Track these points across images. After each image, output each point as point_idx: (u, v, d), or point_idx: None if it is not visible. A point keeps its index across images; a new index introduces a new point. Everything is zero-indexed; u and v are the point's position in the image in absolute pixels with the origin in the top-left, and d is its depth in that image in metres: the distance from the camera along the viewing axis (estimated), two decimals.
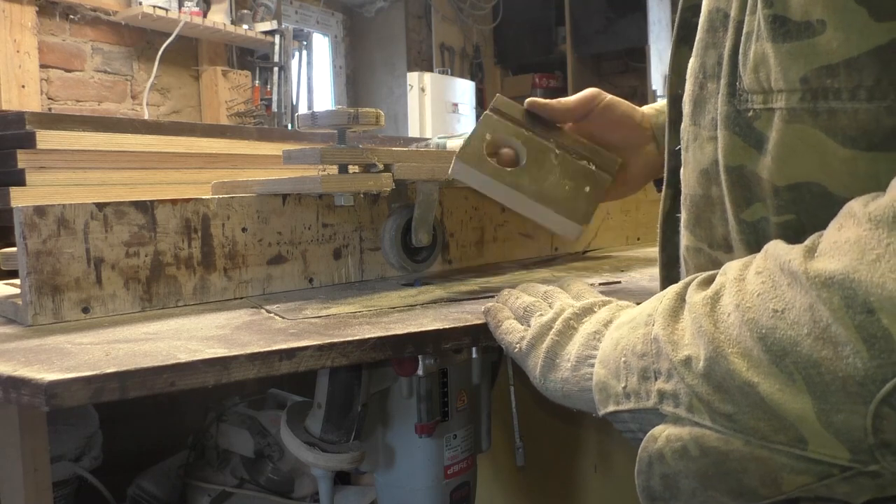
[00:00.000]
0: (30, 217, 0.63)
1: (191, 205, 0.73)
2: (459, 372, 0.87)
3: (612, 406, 0.45)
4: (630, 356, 0.44)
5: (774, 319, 0.36)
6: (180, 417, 1.58)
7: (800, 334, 0.35)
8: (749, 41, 0.44)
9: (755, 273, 0.39)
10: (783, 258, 0.37)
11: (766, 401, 0.36)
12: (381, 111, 0.78)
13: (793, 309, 0.35)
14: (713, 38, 0.48)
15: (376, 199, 0.87)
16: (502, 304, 0.61)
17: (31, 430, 0.89)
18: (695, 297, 0.41)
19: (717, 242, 0.49)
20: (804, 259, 0.36)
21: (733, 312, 0.38)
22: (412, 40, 5.05)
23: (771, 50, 0.42)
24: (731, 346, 0.38)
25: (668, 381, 0.41)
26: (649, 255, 1.08)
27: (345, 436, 0.79)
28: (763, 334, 0.36)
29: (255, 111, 3.68)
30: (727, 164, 0.46)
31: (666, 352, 0.41)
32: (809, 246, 0.37)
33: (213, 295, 0.74)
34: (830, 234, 0.36)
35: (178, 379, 0.49)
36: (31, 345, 0.56)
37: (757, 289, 0.38)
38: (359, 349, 0.56)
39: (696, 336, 0.40)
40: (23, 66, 2.86)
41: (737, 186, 0.45)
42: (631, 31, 5.01)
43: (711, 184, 0.48)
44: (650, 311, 0.45)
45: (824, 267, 0.34)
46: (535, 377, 0.53)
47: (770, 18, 0.42)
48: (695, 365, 0.39)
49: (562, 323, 0.53)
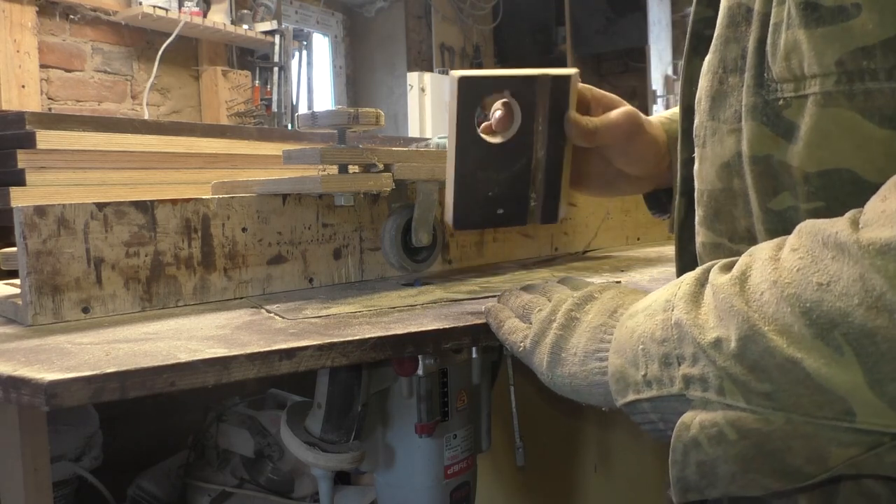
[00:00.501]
0: (30, 217, 0.63)
1: (191, 205, 0.73)
2: (459, 372, 0.87)
3: (633, 395, 0.44)
4: (649, 343, 0.43)
5: (820, 292, 0.35)
6: (180, 417, 1.58)
7: (850, 304, 0.34)
8: (778, 31, 0.44)
9: (790, 250, 0.38)
10: (826, 232, 0.36)
11: (811, 376, 0.35)
12: (381, 111, 0.78)
13: (840, 280, 0.35)
14: (735, 32, 0.48)
15: (376, 199, 0.87)
16: (503, 304, 0.60)
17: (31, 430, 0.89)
18: (719, 279, 0.41)
19: (740, 235, 0.48)
20: (851, 230, 0.35)
21: (768, 290, 0.37)
22: (412, 40, 5.06)
23: (804, 36, 0.42)
24: (767, 324, 0.37)
25: (693, 364, 0.40)
26: (649, 255, 1.08)
27: (345, 436, 0.79)
28: (807, 308, 0.35)
29: (255, 111, 3.68)
30: (753, 154, 0.46)
31: (692, 335, 0.40)
32: (852, 219, 0.36)
33: (213, 295, 0.74)
34: (875, 205, 0.36)
35: (178, 379, 0.49)
36: (31, 345, 0.56)
37: (795, 264, 0.37)
38: (359, 349, 0.56)
39: (725, 316, 0.39)
40: (23, 66, 2.86)
41: (763, 176, 0.45)
42: (631, 31, 5.01)
43: (733, 176, 0.48)
44: (668, 297, 0.44)
45: (877, 235, 0.34)
46: (543, 373, 0.52)
47: (802, 6, 0.42)
48: (725, 346, 0.38)
49: (563, 315, 0.52)
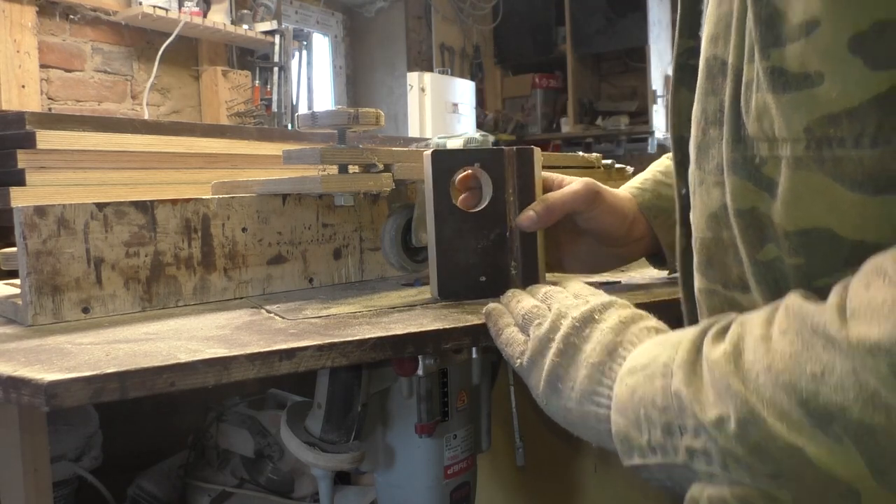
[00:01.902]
0: (30, 217, 0.63)
1: (191, 205, 0.73)
2: (459, 372, 0.87)
3: (639, 459, 0.44)
4: (650, 409, 0.43)
5: (815, 383, 0.35)
6: (180, 417, 1.58)
7: (847, 399, 0.34)
8: (749, 90, 0.44)
9: (780, 332, 0.38)
10: (814, 320, 0.36)
11: (814, 463, 0.35)
12: (381, 111, 0.77)
13: (834, 372, 0.34)
14: (712, 84, 0.48)
15: (376, 199, 0.87)
16: (503, 308, 0.60)
17: (31, 430, 0.89)
18: (713, 354, 0.41)
19: (733, 282, 0.48)
20: (840, 323, 0.35)
21: (763, 373, 0.37)
22: (412, 40, 5.06)
23: (772, 100, 0.42)
24: (765, 408, 0.37)
25: (695, 437, 0.40)
26: None
27: (345, 436, 0.79)
28: (804, 399, 0.35)
29: (255, 111, 3.68)
30: (737, 208, 0.45)
31: (692, 410, 0.40)
32: (838, 304, 0.36)
33: (213, 295, 0.74)
34: (859, 292, 0.35)
35: (178, 379, 0.49)
36: (31, 345, 0.56)
37: (787, 349, 0.37)
38: (359, 349, 0.56)
39: (722, 395, 0.39)
40: (23, 66, 2.86)
41: (749, 228, 0.45)
42: (631, 31, 5.01)
43: (722, 227, 0.48)
44: (665, 361, 0.43)
45: (865, 334, 0.34)
46: (538, 396, 0.52)
47: (769, 70, 0.42)
48: (726, 426, 0.38)
49: (562, 341, 0.51)
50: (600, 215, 0.73)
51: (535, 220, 0.70)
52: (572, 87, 5.32)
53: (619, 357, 0.48)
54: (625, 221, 0.75)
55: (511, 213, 0.71)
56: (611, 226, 0.74)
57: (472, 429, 0.91)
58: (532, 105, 5.59)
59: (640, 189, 0.78)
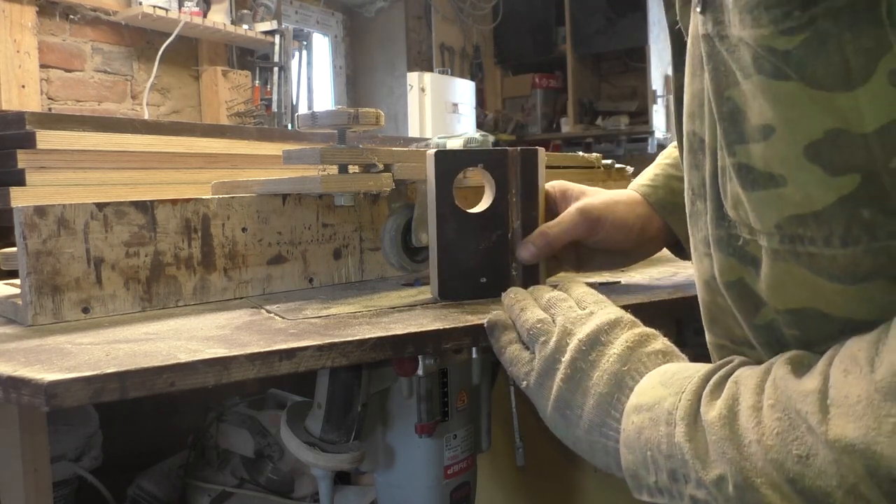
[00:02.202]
0: (30, 217, 0.63)
1: (191, 205, 0.73)
2: (459, 372, 0.87)
3: (647, 497, 0.45)
4: (656, 453, 0.44)
5: (800, 466, 0.36)
6: (180, 417, 1.58)
7: (829, 485, 0.35)
8: (725, 177, 0.44)
9: (769, 406, 0.39)
10: (797, 406, 0.37)
11: None
12: (381, 111, 0.77)
13: (817, 457, 0.36)
14: (694, 159, 0.48)
15: (376, 199, 0.87)
16: (506, 320, 0.59)
17: (31, 430, 0.89)
18: (709, 415, 0.41)
19: (739, 339, 0.48)
20: (821, 415, 0.36)
21: (755, 444, 0.38)
22: (412, 40, 5.06)
23: (743, 195, 0.42)
24: (758, 476, 0.38)
25: (697, 488, 0.41)
26: None
27: (345, 436, 0.79)
28: (791, 478, 0.36)
29: (255, 111, 3.68)
30: (726, 281, 0.46)
31: (693, 466, 0.41)
32: (819, 390, 0.37)
33: (213, 295, 0.74)
34: (838, 378, 0.36)
35: (178, 379, 0.49)
36: (31, 345, 0.56)
37: (775, 426, 0.38)
38: (359, 349, 0.56)
39: (720, 457, 0.40)
40: (23, 66, 2.86)
41: (741, 298, 0.45)
42: (631, 31, 5.01)
43: (716, 294, 0.48)
44: (669, 409, 0.44)
45: (842, 433, 0.35)
46: (545, 418, 0.53)
47: (736, 167, 0.41)
48: (725, 487, 0.39)
49: (569, 366, 0.51)
50: (605, 237, 0.73)
51: (535, 254, 0.70)
52: (572, 87, 5.32)
53: (626, 388, 0.48)
54: (631, 233, 0.74)
55: (513, 214, 0.71)
56: (618, 242, 0.74)
57: (472, 429, 0.91)
58: (532, 105, 5.59)
59: (651, 187, 0.76)
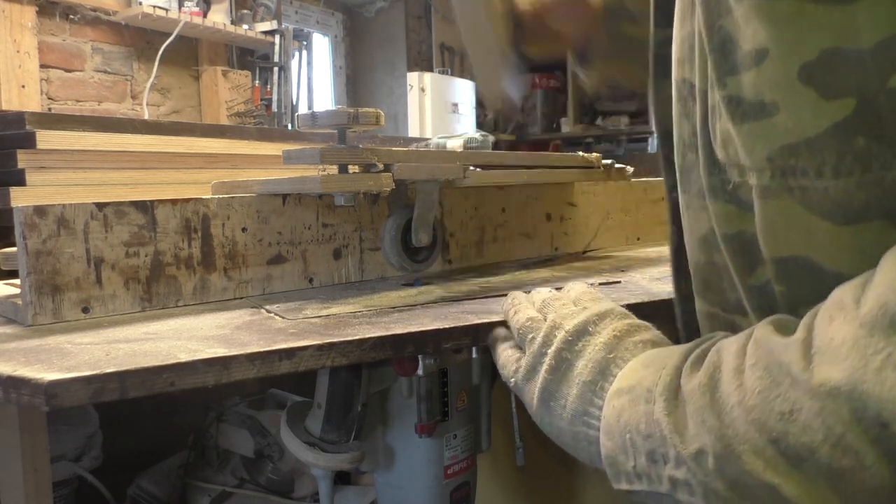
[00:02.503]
0: (30, 217, 0.63)
1: (191, 205, 0.73)
2: (459, 372, 0.87)
3: (626, 484, 0.44)
4: (635, 435, 0.42)
5: (784, 423, 0.34)
6: (180, 417, 1.58)
7: (815, 440, 0.33)
8: (714, 116, 0.43)
9: (750, 367, 0.37)
10: (780, 358, 0.36)
11: (791, 501, 0.35)
12: (381, 111, 0.77)
13: (801, 411, 0.34)
14: (684, 108, 0.47)
15: (376, 199, 0.87)
16: (507, 332, 0.59)
17: (31, 430, 0.89)
18: (690, 384, 0.40)
19: (732, 305, 0.47)
20: (804, 363, 0.34)
21: (736, 407, 0.37)
22: (412, 40, 5.06)
23: (733, 130, 0.41)
24: (741, 444, 0.36)
25: (677, 467, 0.40)
26: (649, 255, 1.08)
27: (345, 436, 0.79)
28: (774, 438, 0.35)
29: (255, 111, 3.68)
30: (724, 233, 0.45)
31: (672, 442, 0.40)
32: (804, 339, 0.35)
33: (213, 295, 0.74)
34: (822, 327, 0.35)
35: (178, 379, 0.49)
36: (31, 345, 0.56)
37: (756, 385, 0.36)
38: (359, 349, 0.56)
39: (699, 428, 0.38)
40: (23, 66, 2.86)
41: (739, 254, 0.44)
42: None
43: (713, 251, 0.47)
44: (649, 386, 0.43)
45: (827, 376, 0.33)
46: (532, 414, 0.52)
47: (726, 99, 0.41)
48: (704, 460, 0.38)
49: (554, 357, 0.50)
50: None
51: None
52: (572, 87, 5.32)
53: (610, 376, 0.47)
54: None
55: None
56: None
57: (471, 429, 0.91)
58: (532, 105, 5.59)
59: None
